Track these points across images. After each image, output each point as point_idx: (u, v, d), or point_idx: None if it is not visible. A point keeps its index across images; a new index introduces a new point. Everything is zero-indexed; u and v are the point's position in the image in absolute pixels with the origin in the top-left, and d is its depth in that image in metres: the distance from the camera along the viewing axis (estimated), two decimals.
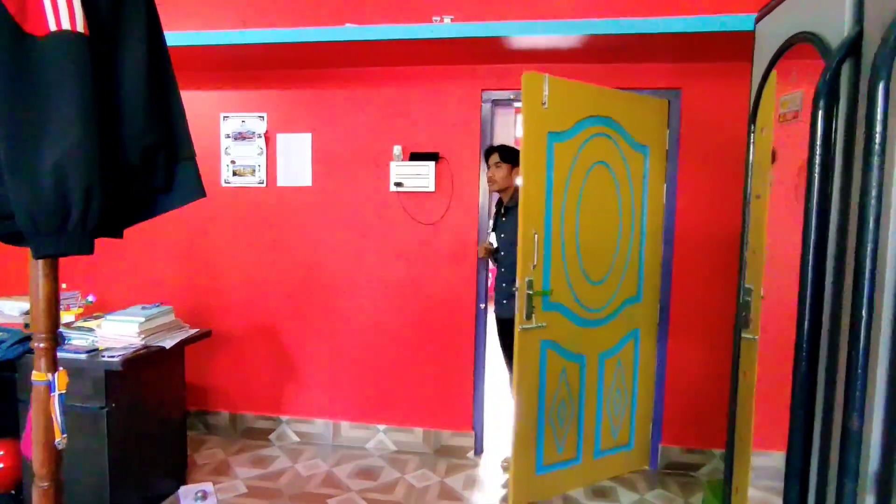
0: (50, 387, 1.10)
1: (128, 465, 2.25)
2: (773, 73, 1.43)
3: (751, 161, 1.51)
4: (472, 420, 3.02)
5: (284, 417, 3.17)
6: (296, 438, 3.17)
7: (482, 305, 2.97)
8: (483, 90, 2.90)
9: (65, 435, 1.10)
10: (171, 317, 2.49)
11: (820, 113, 1.04)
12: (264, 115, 3.06)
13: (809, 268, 1.08)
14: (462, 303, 2.97)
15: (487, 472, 2.86)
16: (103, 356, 2.15)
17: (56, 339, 1.13)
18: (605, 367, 2.71)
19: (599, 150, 2.57)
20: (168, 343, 2.36)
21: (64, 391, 1.11)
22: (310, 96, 3.04)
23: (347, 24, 2.58)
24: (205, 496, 2.48)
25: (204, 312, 3.15)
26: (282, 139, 3.06)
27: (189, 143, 1.17)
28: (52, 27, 0.90)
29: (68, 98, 0.90)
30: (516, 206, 2.49)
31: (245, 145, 3.09)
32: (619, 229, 2.67)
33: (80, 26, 0.92)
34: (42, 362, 1.10)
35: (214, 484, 2.62)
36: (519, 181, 2.50)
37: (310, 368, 3.14)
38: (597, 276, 2.64)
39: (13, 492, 2.32)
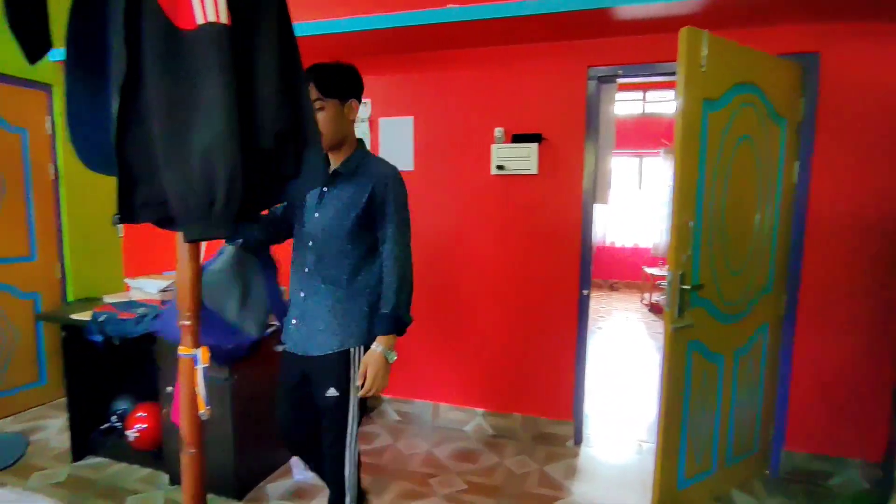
0: (195, 360, 1.18)
1: (249, 435, 2.41)
2: None
3: None
4: (571, 409, 2.94)
5: (386, 396, 3.27)
6: (397, 417, 3.26)
7: (585, 292, 2.85)
8: (589, 66, 2.74)
9: (209, 406, 1.18)
10: None
11: None
12: (368, 101, 3.11)
13: None
14: (564, 288, 2.87)
15: (588, 463, 2.78)
16: None
17: (199, 317, 1.21)
18: (739, 366, 2.42)
19: (746, 122, 2.25)
20: None
21: (207, 364, 1.19)
22: (411, 80, 3.05)
23: (450, 6, 2.55)
24: None
25: None
26: (384, 124, 3.10)
27: (316, 129, 1.19)
28: (200, 20, 0.94)
29: (215, 87, 0.94)
30: (352, 172, 1.66)
31: None
32: (757, 213, 2.38)
33: (224, 17, 0.95)
34: (188, 338, 1.19)
35: None
36: (363, 126, 1.55)
37: (411, 350, 3.19)
38: (737, 266, 2.33)
39: (155, 450, 2.59)
